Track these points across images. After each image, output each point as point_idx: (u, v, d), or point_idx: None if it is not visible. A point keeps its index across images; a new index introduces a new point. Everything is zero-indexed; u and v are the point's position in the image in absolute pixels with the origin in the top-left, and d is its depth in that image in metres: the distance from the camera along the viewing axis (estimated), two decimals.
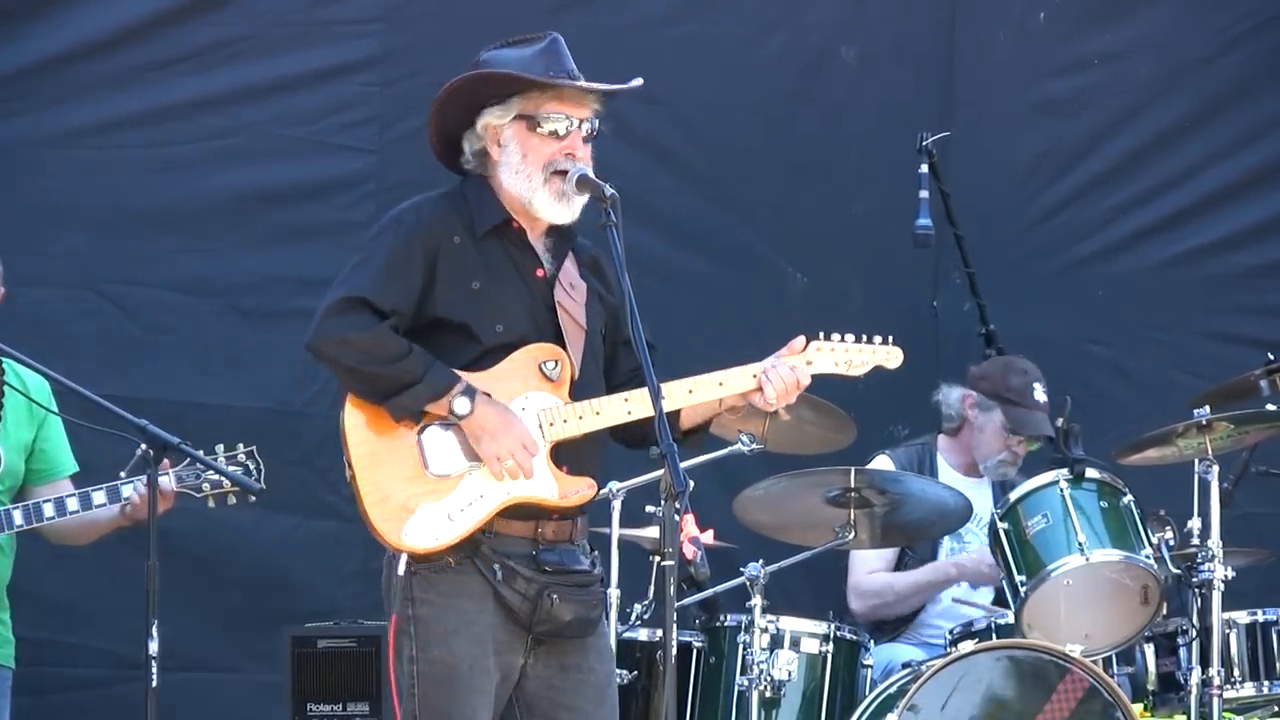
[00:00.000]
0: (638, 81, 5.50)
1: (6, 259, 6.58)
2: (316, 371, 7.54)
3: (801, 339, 5.54)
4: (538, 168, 5.39)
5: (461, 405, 5.28)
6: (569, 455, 5.38)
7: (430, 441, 5.33)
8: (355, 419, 5.34)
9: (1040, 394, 7.86)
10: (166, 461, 6.12)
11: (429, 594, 5.30)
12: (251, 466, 6.39)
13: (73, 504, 6.34)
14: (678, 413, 5.47)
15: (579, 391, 5.40)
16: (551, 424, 5.35)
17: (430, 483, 5.31)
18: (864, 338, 5.60)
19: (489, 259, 5.40)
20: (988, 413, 7.92)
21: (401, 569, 5.32)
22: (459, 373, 5.31)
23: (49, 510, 6.37)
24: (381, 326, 5.29)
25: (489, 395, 5.31)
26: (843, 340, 5.56)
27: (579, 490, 5.37)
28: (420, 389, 5.27)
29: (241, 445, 6.40)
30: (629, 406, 5.37)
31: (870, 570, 7.87)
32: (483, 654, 5.28)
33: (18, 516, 6.39)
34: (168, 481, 6.25)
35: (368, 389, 5.31)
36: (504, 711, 5.38)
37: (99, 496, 6.35)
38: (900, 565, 7.91)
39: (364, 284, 5.31)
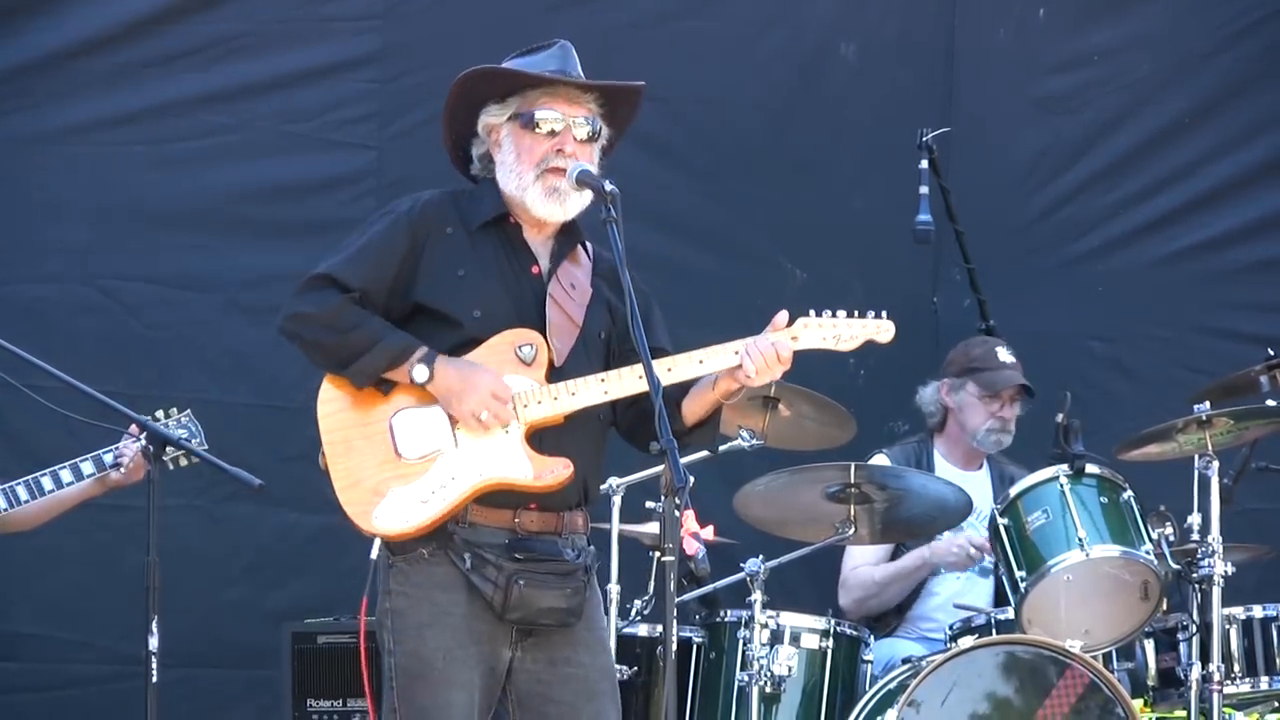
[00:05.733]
0: (639, 83, 5.50)
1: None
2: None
3: (784, 314, 5.43)
4: (529, 165, 5.39)
5: (420, 373, 5.28)
6: (551, 440, 5.34)
7: (401, 425, 5.33)
8: (328, 407, 5.36)
9: (1006, 355, 7.92)
10: (135, 428, 6.05)
11: (404, 585, 5.31)
12: (194, 428, 6.33)
13: (48, 483, 6.20)
14: (678, 406, 5.44)
15: (561, 380, 5.35)
16: (525, 405, 5.31)
17: (401, 466, 5.30)
18: (855, 313, 5.47)
19: (481, 252, 5.41)
20: (960, 390, 7.96)
21: (379, 559, 5.35)
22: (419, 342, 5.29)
23: (22, 493, 6.23)
24: (341, 299, 5.31)
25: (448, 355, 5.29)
26: (833, 316, 5.46)
27: (554, 470, 5.31)
28: (376, 352, 5.27)
29: (176, 409, 6.32)
30: (605, 387, 5.33)
31: (855, 566, 7.88)
32: (458, 645, 5.27)
33: None
34: (139, 446, 6.10)
35: (330, 361, 5.34)
36: (496, 705, 5.38)
37: (66, 475, 6.18)
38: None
39: (334, 263, 5.38)
